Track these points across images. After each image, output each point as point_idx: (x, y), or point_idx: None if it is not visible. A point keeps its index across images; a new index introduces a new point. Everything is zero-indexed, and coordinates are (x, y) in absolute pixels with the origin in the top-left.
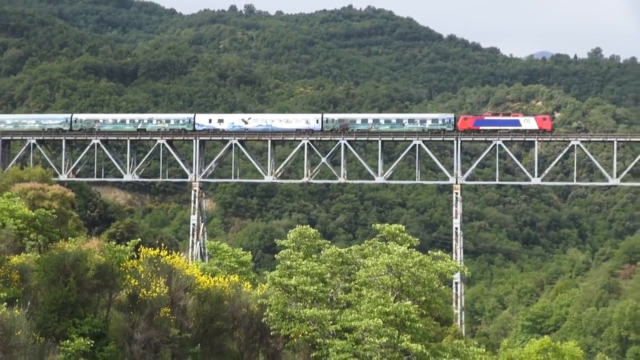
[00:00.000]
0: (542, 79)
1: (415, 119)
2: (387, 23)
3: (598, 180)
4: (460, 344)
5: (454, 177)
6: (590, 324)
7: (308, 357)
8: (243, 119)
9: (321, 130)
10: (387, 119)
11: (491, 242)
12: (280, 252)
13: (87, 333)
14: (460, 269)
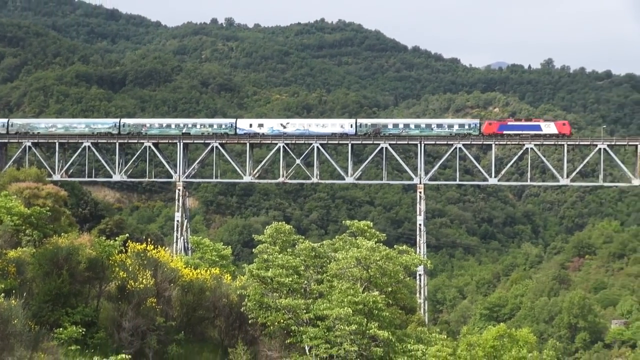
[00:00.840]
0: (499, 87)
1: (443, 124)
2: (356, 35)
3: (550, 180)
4: (423, 331)
5: (418, 177)
6: (542, 312)
7: (283, 343)
8: (282, 124)
9: (355, 134)
10: (417, 124)
11: (452, 237)
12: (258, 247)
13: (79, 321)
14: (424, 262)
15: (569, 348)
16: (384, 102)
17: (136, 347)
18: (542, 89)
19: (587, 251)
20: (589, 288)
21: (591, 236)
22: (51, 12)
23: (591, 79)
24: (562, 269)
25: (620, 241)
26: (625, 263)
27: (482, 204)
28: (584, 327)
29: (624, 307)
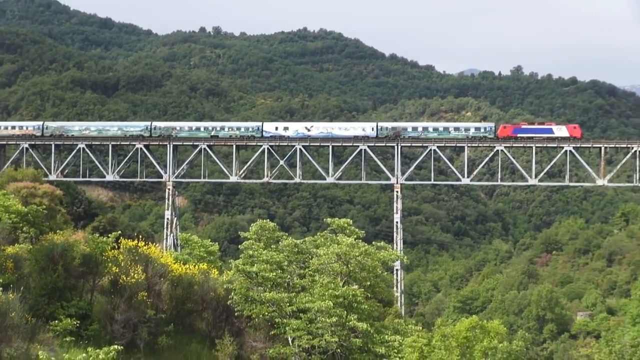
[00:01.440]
0: (471, 92)
1: (460, 127)
2: (337, 43)
3: (519, 180)
4: (400, 323)
5: (395, 177)
6: (512, 305)
7: (268, 334)
8: (306, 127)
9: (376, 137)
10: (435, 127)
11: (427, 234)
12: (244, 243)
13: (74, 314)
14: (400, 258)
15: (537, 338)
16: (363, 106)
17: (128, 339)
18: (511, 94)
19: (554, 247)
20: (555, 282)
21: (558, 233)
22: (47, 21)
23: (558, 85)
24: (530, 264)
25: (585, 238)
26: (589, 258)
27: (456, 202)
28: (551, 319)
29: (589, 300)
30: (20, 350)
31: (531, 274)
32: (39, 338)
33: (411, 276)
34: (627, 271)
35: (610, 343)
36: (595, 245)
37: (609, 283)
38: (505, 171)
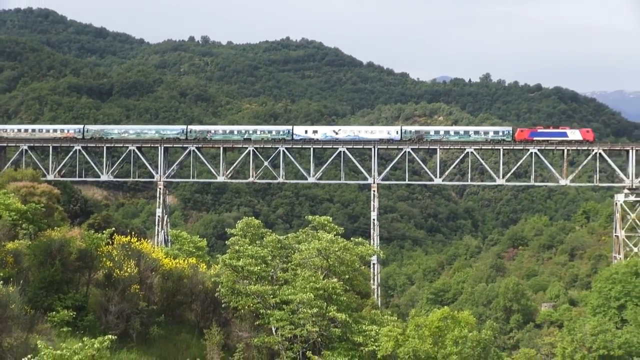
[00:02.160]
0: (443, 98)
1: (479, 131)
2: (317, 52)
3: (488, 180)
4: (376, 313)
5: (372, 178)
6: (481, 296)
7: (253, 325)
8: (334, 130)
9: (400, 140)
10: (456, 130)
11: (402, 230)
12: (230, 239)
13: (70, 306)
14: (377, 253)
15: (505, 328)
16: (342, 111)
17: (121, 329)
18: (480, 100)
19: (520, 243)
20: (521, 275)
21: (524, 229)
22: (46, 30)
23: (524, 91)
24: (498, 258)
25: (549, 234)
26: (553, 253)
27: (428, 201)
28: (517, 310)
29: (552, 291)
30: (19, 339)
31: (499, 267)
32: (37, 328)
33: (387, 270)
34: (588, 265)
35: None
36: (558, 241)
37: (571, 276)
38: (475, 172)
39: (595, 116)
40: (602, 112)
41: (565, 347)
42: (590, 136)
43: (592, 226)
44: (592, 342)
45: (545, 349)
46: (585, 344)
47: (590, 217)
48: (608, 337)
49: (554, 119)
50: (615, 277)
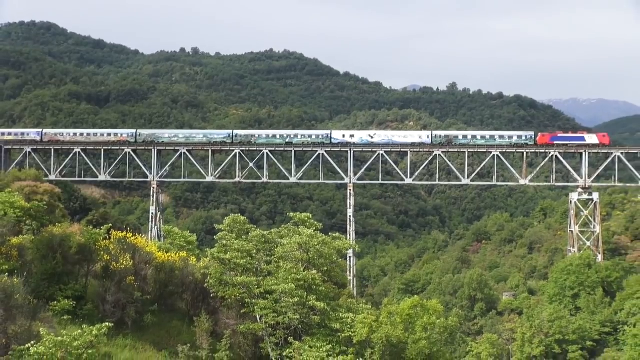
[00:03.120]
0: (413, 105)
1: (504, 135)
2: (298, 62)
3: (454, 180)
4: (352, 302)
5: (348, 178)
6: (448, 286)
7: (239, 313)
8: (370, 135)
9: (431, 144)
10: (483, 135)
11: (375, 226)
12: (218, 234)
13: (70, 296)
14: (353, 246)
15: (469, 315)
16: (321, 116)
17: (118, 317)
18: (447, 107)
19: (483, 237)
20: (485, 267)
21: (487, 225)
22: (48, 42)
23: (487, 99)
24: (463, 251)
25: (509, 229)
26: (513, 247)
27: (400, 199)
28: (481, 299)
29: (513, 282)
30: (23, 327)
31: (464, 260)
32: (40, 317)
33: (362, 262)
34: (545, 257)
35: (531, 319)
36: (519, 236)
37: (529, 268)
38: (442, 172)
39: (552, 122)
40: (558, 118)
41: (525, 333)
42: (607, 140)
43: (549, 222)
44: (549, 328)
45: (507, 335)
46: (543, 329)
47: (547, 214)
48: (563, 323)
49: (514, 124)
50: (570, 269)
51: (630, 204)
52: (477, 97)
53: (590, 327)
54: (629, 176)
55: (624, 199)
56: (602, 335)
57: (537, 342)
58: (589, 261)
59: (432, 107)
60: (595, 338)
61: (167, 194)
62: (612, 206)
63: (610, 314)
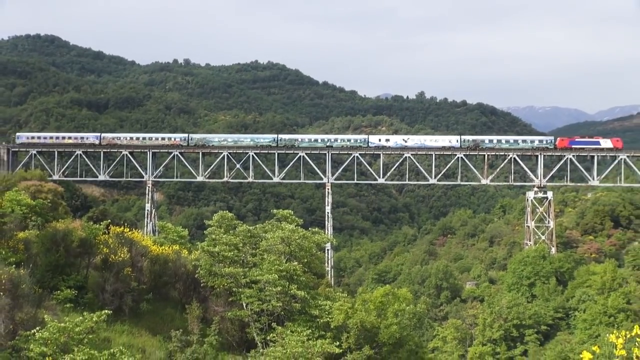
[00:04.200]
0: (385, 111)
1: (527, 139)
2: (281, 73)
3: (422, 180)
4: (330, 291)
5: (327, 178)
6: (416, 276)
7: (227, 301)
8: (404, 139)
9: (459, 147)
10: (507, 139)
11: (351, 222)
12: (208, 229)
13: (72, 286)
14: (330, 240)
15: (436, 302)
16: (301, 122)
17: (116, 305)
18: (416, 113)
19: (449, 232)
20: (450, 258)
21: (452, 221)
22: (51, 53)
23: (452, 106)
24: (430, 245)
25: (472, 224)
26: (476, 240)
27: (373, 197)
28: (446, 287)
29: (475, 272)
30: (29, 314)
31: (431, 252)
32: (44, 305)
33: (339, 254)
34: (504, 250)
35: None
36: (480, 230)
37: (490, 259)
38: (412, 173)
39: (510, 127)
40: (516, 124)
41: (486, 318)
42: (620, 144)
43: (508, 218)
44: (508, 313)
45: (470, 320)
46: (502, 315)
47: (506, 211)
48: (520, 309)
49: (477, 129)
50: (526, 260)
51: (580, 202)
52: (443, 104)
53: (545, 312)
54: (579, 176)
55: (575, 197)
56: (555, 320)
57: (497, 326)
58: (543, 253)
59: (402, 114)
60: (549, 323)
61: (161, 193)
62: (564, 203)
63: (563, 301)
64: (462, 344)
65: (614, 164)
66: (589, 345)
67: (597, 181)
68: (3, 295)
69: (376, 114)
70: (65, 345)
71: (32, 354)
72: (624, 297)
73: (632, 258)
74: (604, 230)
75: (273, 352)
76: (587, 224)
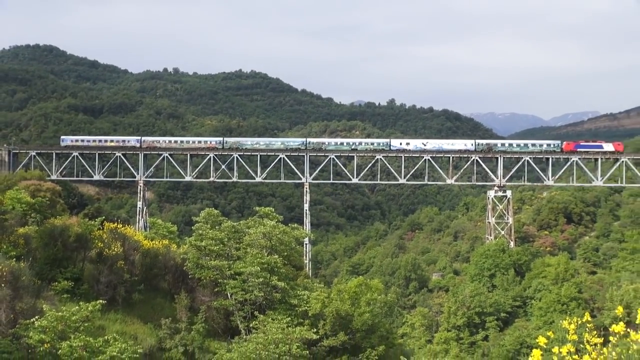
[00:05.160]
0: (359, 117)
1: (536, 143)
2: (263, 81)
3: (392, 180)
4: (308, 282)
5: (305, 178)
6: (387, 268)
7: (213, 291)
8: (423, 142)
9: (474, 151)
10: (518, 143)
11: (327, 218)
12: (195, 225)
13: (69, 278)
14: (308, 235)
15: (405, 292)
16: (282, 126)
17: (110, 295)
18: (387, 118)
19: (416, 227)
20: (418, 252)
21: (419, 217)
22: (50, 62)
23: (420, 112)
24: (400, 239)
25: (438, 221)
26: (441, 235)
27: (348, 195)
28: (414, 278)
29: (441, 264)
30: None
31: (400, 246)
32: (43, 295)
33: (316, 248)
34: (467, 244)
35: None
36: (445, 226)
37: (454, 252)
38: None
39: (473, 132)
40: (478, 129)
41: (450, 306)
42: (621, 148)
43: (470, 215)
44: (470, 302)
45: (436, 308)
46: (465, 303)
47: (469, 208)
48: (482, 298)
49: (442, 133)
50: (487, 253)
51: (536, 200)
52: (411, 111)
53: (504, 301)
54: (535, 177)
55: (531, 195)
56: (513, 307)
57: (461, 314)
58: (503, 247)
59: (374, 119)
60: (508, 310)
61: (151, 191)
62: (522, 201)
63: (520, 290)
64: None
65: (567, 165)
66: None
67: (552, 181)
68: (4, 286)
69: (350, 119)
70: (62, 332)
71: (32, 341)
72: (576, 287)
73: (583, 251)
74: (557, 226)
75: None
76: (542, 220)
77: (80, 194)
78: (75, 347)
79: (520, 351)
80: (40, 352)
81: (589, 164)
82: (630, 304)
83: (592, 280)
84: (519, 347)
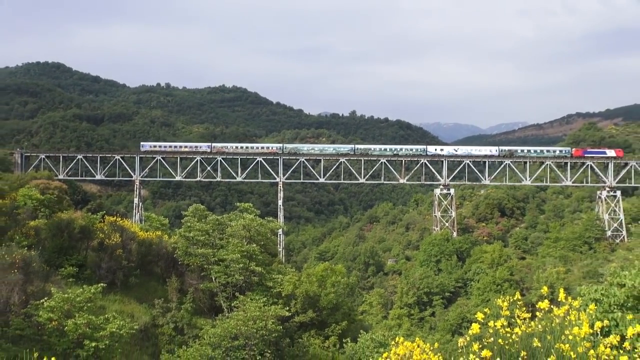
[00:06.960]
0: (325, 126)
1: (550, 149)
2: (243, 94)
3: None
4: (281, 267)
5: (279, 177)
6: (349, 255)
7: (200, 275)
8: (454, 149)
9: (497, 155)
10: (534, 149)
11: (298, 212)
12: (184, 219)
13: (74, 264)
14: (282, 227)
15: (364, 275)
16: (259, 134)
17: (110, 279)
18: (349, 127)
19: (374, 220)
20: (375, 241)
21: (377, 211)
22: (57, 77)
23: (377, 122)
24: (360, 230)
25: (392, 214)
26: (395, 227)
27: (316, 193)
28: (372, 263)
29: (395, 251)
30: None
31: (360, 236)
32: (51, 279)
33: (289, 238)
34: (417, 234)
35: (407, 277)
36: (399, 219)
37: (406, 241)
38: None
39: (422, 139)
40: (426, 137)
41: (403, 287)
42: (621, 153)
43: (420, 209)
44: (420, 283)
45: (390, 289)
46: (415, 285)
47: (419, 204)
48: (430, 280)
49: (396, 141)
50: (434, 242)
51: (475, 197)
52: (370, 120)
53: (448, 282)
54: (474, 177)
55: (471, 193)
56: (456, 288)
57: (412, 294)
58: (447, 237)
59: (338, 128)
60: (452, 290)
61: (146, 190)
62: (463, 198)
63: (462, 273)
64: (385, 308)
65: (501, 167)
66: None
67: (488, 181)
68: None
69: (318, 128)
70: (68, 312)
71: (41, 319)
72: (508, 270)
73: (514, 240)
74: (493, 219)
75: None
76: (480, 214)
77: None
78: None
79: (461, 325)
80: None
81: (518, 166)
82: (554, 284)
83: (522, 264)
84: (460, 322)
